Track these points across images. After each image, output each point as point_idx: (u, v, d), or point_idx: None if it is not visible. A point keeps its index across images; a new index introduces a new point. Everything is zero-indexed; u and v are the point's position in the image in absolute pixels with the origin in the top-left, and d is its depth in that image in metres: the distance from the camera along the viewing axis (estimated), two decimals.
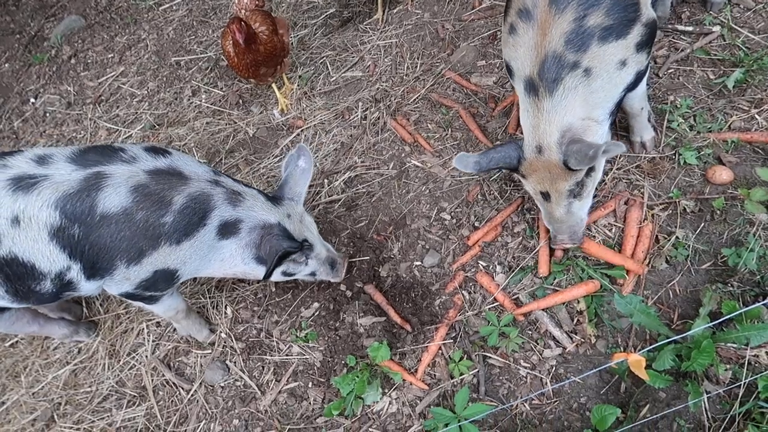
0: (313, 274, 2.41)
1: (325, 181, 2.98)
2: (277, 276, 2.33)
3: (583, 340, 2.23)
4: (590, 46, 1.92)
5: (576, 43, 1.93)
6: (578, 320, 2.27)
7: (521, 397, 2.17)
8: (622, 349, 2.17)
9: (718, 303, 1.99)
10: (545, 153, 2.03)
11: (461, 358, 2.28)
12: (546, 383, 2.17)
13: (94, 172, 1.94)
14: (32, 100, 4.17)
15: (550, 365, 2.22)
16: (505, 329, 2.26)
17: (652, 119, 2.53)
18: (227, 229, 2.15)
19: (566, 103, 1.97)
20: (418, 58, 3.36)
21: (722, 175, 2.29)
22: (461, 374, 2.25)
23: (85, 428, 2.52)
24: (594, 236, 2.39)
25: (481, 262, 2.49)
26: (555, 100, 1.97)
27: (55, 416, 2.59)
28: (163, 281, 2.14)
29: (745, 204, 2.18)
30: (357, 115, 3.21)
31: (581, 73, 1.94)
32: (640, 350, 2.09)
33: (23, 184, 1.89)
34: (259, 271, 2.27)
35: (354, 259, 2.65)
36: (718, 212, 2.27)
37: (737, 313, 1.84)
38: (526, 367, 2.24)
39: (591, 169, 2.09)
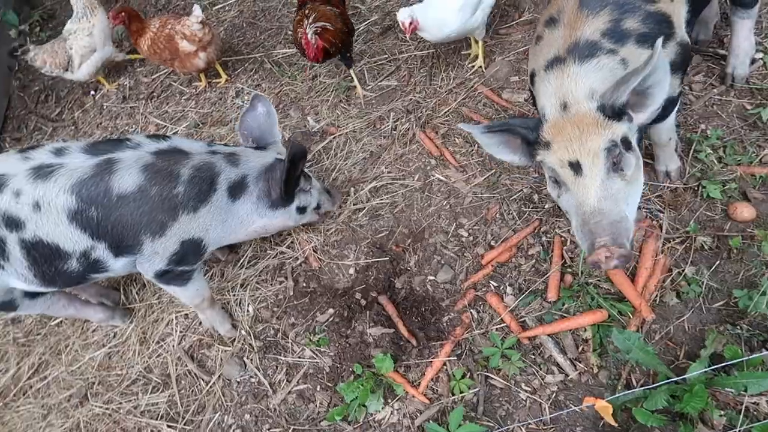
0: (318, 206, 2.73)
1: (352, 189, 3.07)
2: (293, 216, 2.61)
3: (586, 369, 2.24)
4: (627, 43, 1.81)
5: (613, 37, 1.81)
6: (583, 348, 2.28)
7: (518, 421, 2.21)
8: (624, 381, 2.17)
9: (723, 345, 1.96)
10: (572, 108, 1.72)
11: (463, 376, 2.33)
12: (545, 409, 2.20)
13: (105, 159, 2.16)
14: (92, 92, 4.44)
15: (551, 391, 2.24)
16: (507, 351, 2.29)
17: (679, 148, 2.48)
18: (237, 189, 2.40)
19: (598, 75, 1.74)
20: (452, 71, 3.39)
21: (744, 212, 2.24)
22: (461, 392, 2.30)
23: (113, 409, 2.72)
24: None
25: (492, 282, 2.53)
26: (585, 67, 1.75)
27: (89, 395, 2.81)
28: (191, 253, 2.35)
29: (762, 245, 2.12)
30: (388, 125, 3.28)
31: (619, 59, 1.79)
32: (642, 385, 2.09)
33: (42, 172, 2.12)
34: (277, 218, 2.56)
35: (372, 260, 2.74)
36: (735, 251, 2.22)
37: (738, 360, 1.82)
38: (526, 391, 2.27)
39: (629, 147, 1.74)
